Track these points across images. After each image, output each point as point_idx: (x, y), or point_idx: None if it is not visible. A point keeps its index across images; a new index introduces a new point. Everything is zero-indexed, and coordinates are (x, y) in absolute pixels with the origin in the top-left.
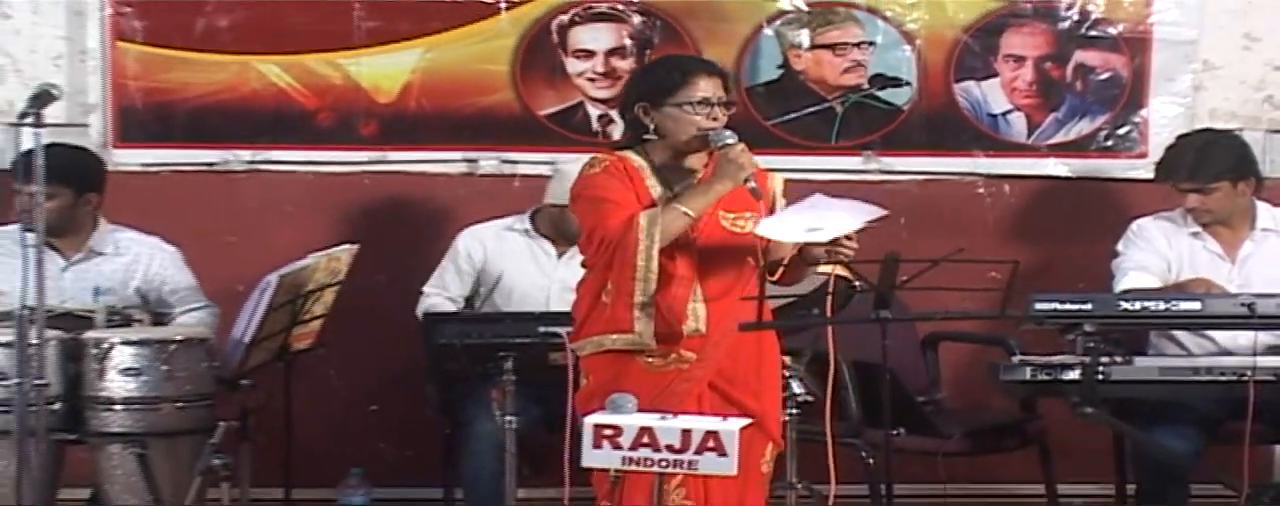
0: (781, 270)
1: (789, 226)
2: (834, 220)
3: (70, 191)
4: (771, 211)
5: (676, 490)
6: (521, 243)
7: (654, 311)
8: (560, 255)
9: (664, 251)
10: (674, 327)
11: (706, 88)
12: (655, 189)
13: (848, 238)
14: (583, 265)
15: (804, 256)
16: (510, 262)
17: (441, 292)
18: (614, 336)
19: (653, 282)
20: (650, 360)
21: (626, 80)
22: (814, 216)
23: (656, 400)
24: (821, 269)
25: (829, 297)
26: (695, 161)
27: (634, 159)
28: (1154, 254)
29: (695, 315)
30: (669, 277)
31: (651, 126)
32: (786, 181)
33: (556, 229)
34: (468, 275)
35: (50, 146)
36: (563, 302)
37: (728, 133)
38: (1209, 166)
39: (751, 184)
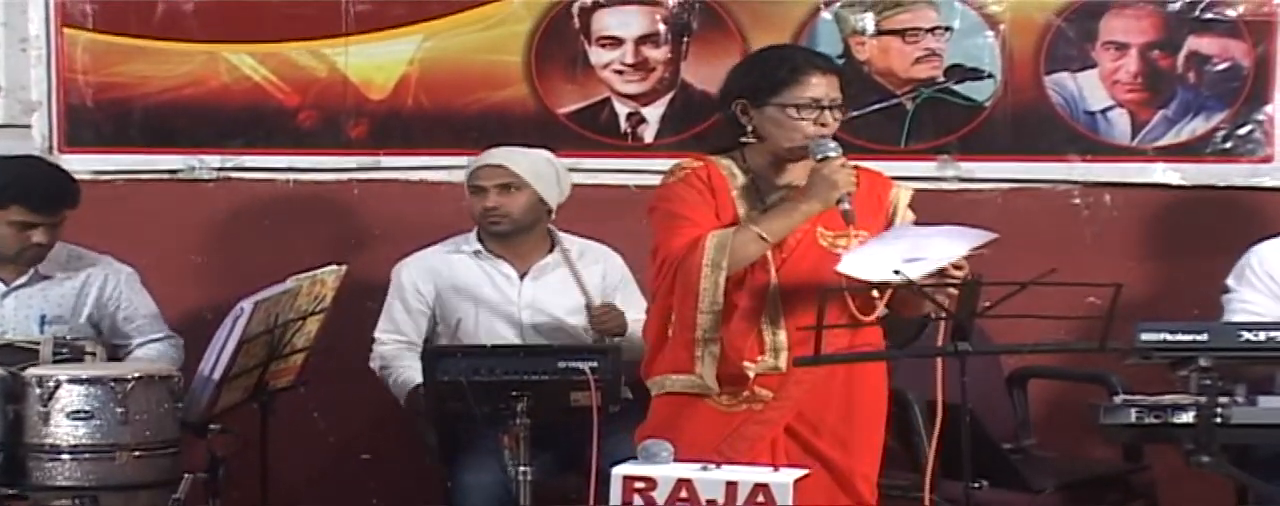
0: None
1: (875, 262)
2: (932, 249)
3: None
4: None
5: None
6: (473, 267)
7: (719, 349)
8: (522, 275)
9: (743, 275)
10: (739, 369)
11: (819, 87)
12: (741, 204)
13: (956, 265)
14: (649, 285)
15: (912, 291)
16: (467, 292)
17: (397, 337)
18: (674, 377)
19: (718, 316)
20: (719, 397)
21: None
22: (906, 247)
23: (723, 444)
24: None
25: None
26: (798, 173)
27: (724, 167)
28: (1268, 294)
29: (774, 349)
30: (742, 307)
31: (750, 128)
32: (917, 194)
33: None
34: (421, 314)
35: (39, 164)
36: (537, 333)
37: (831, 144)
38: None
39: (844, 205)
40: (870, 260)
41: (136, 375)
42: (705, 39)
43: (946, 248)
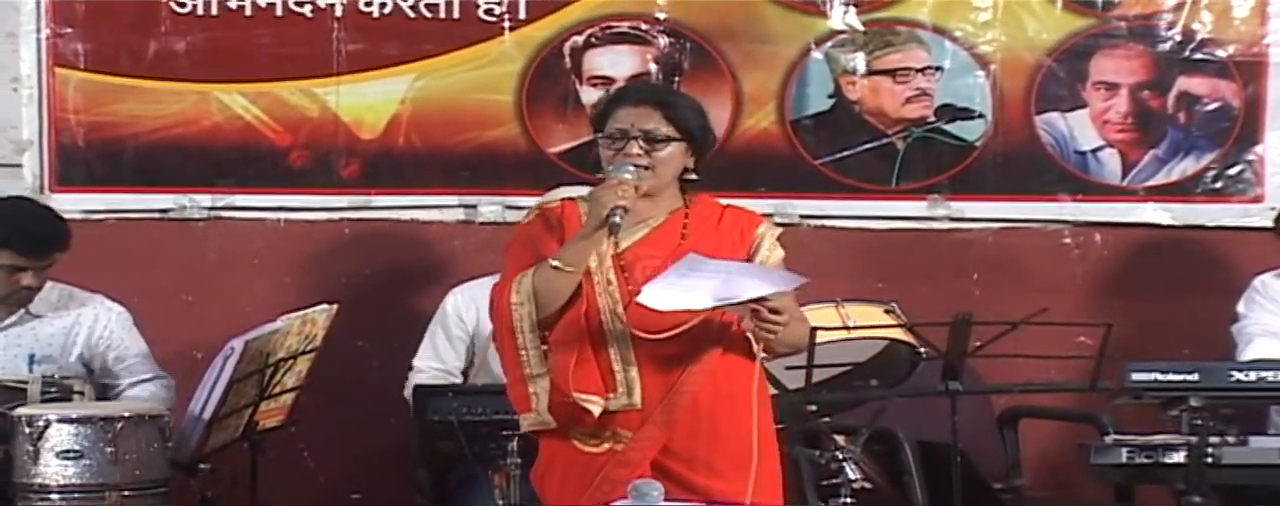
0: None
1: (670, 292)
2: (731, 287)
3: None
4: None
5: None
6: None
7: (549, 383)
8: None
9: (567, 307)
10: (572, 402)
11: (625, 118)
12: None
13: (774, 311)
14: None
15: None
16: None
17: (436, 365)
18: (521, 416)
19: (541, 352)
20: (581, 440)
21: None
22: (705, 281)
23: (592, 489)
24: (879, 333)
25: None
26: (647, 207)
27: (584, 205)
28: (1279, 314)
29: (628, 386)
30: (571, 340)
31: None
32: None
33: None
34: (460, 341)
35: (30, 206)
36: None
37: (627, 166)
38: None
39: (614, 219)
40: (666, 291)
41: (126, 414)
42: (696, 79)
43: (752, 286)
